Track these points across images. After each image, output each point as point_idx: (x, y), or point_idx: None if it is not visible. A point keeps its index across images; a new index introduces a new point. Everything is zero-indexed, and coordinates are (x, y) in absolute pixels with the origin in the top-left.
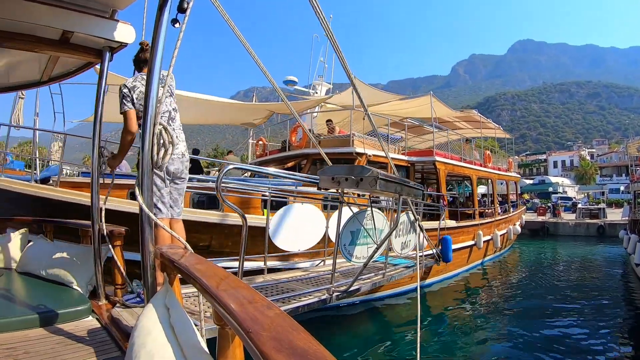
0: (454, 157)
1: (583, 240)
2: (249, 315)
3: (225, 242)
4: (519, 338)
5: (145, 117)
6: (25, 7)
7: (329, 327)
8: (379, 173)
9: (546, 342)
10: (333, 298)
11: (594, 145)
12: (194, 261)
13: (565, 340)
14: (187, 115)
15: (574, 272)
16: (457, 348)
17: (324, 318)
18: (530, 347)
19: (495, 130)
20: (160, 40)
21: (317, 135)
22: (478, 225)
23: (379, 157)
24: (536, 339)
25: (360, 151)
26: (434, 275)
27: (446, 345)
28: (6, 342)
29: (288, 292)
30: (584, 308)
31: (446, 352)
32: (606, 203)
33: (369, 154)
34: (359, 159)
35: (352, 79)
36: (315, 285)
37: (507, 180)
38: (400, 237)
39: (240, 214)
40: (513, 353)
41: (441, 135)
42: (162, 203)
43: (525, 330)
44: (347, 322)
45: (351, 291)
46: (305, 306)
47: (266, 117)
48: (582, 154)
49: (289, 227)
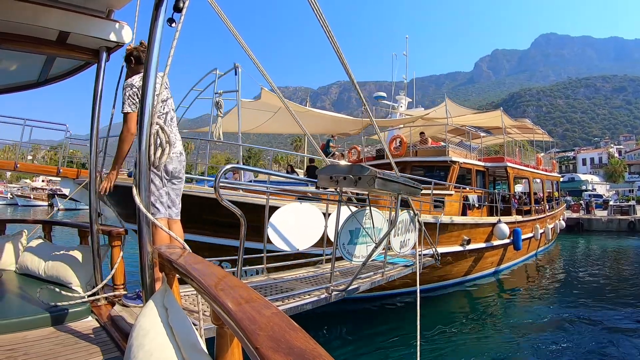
0: (515, 162)
1: (615, 235)
2: (246, 315)
3: None
4: (573, 323)
5: (142, 117)
6: (23, 8)
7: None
8: (377, 172)
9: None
10: (332, 297)
11: (622, 142)
12: (192, 261)
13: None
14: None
15: (611, 262)
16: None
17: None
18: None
19: (542, 135)
20: (156, 40)
21: (414, 146)
22: (535, 220)
23: (466, 164)
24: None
25: (454, 159)
26: (507, 261)
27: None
28: (6, 343)
29: (287, 292)
30: (622, 294)
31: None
32: (636, 200)
33: (460, 162)
34: (453, 166)
35: (352, 78)
36: (314, 284)
37: (552, 180)
38: (399, 236)
39: (239, 215)
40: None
41: (497, 139)
42: (160, 203)
43: (581, 313)
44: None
45: (350, 290)
46: (304, 305)
47: (362, 128)
48: (611, 151)
49: (287, 227)
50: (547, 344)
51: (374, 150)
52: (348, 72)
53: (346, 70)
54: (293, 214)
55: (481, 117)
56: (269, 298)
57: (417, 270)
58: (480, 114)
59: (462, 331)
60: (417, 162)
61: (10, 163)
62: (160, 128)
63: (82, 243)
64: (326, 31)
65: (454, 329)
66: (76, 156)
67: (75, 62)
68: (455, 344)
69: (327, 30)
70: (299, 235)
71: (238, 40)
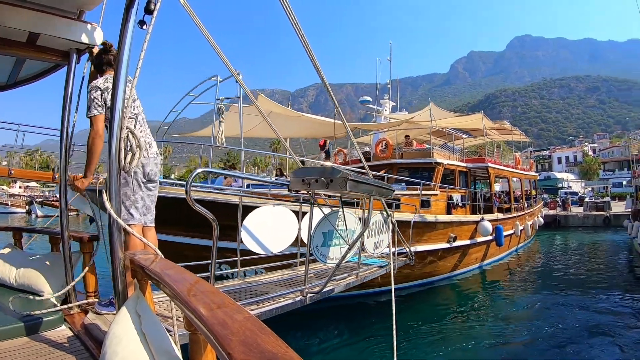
0: (496, 162)
1: (591, 230)
2: (218, 320)
3: None
4: (554, 311)
5: (113, 121)
6: None
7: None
8: (348, 174)
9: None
10: (307, 300)
11: (595, 140)
12: (165, 267)
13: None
14: (289, 130)
15: (587, 255)
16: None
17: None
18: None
19: (520, 136)
20: (127, 42)
21: (399, 148)
22: (515, 217)
23: (450, 165)
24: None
25: (439, 161)
26: (490, 256)
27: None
28: None
29: (262, 295)
30: (601, 283)
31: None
32: (610, 196)
33: (444, 163)
34: (437, 167)
35: (325, 82)
36: (289, 287)
37: (529, 179)
38: (373, 237)
39: (211, 219)
40: (554, 317)
41: (477, 140)
42: (135, 209)
43: (564, 303)
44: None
45: (324, 292)
46: (279, 308)
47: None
48: (585, 149)
49: (261, 230)
50: (530, 330)
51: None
52: (320, 74)
53: (318, 72)
54: (266, 216)
55: (463, 119)
56: (244, 302)
57: (391, 271)
58: (462, 117)
59: (451, 322)
60: (403, 164)
61: (4, 169)
62: (130, 132)
63: (54, 250)
64: (298, 34)
65: (443, 320)
66: (53, 161)
67: (45, 64)
68: (445, 334)
69: (299, 32)
70: (272, 237)
71: (211, 44)
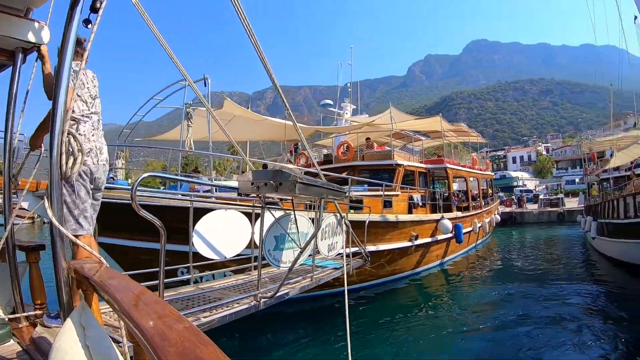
0: (453, 163)
1: (546, 226)
2: (157, 331)
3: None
4: (514, 300)
5: (54, 123)
6: None
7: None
8: (297, 177)
9: (531, 300)
10: (261, 305)
11: (549, 140)
12: (108, 276)
13: (543, 296)
14: (253, 133)
15: (543, 249)
16: (476, 300)
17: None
18: (520, 306)
19: (476, 137)
20: (70, 41)
21: (361, 150)
22: (474, 215)
23: (410, 167)
24: (527, 297)
25: (400, 162)
26: (451, 253)
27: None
28: None
29: (215, 302)
30: (557, 272)
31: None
32: (563, 193)
33: (405, 165)
34: (398, 169)
35: (275, 83)
36: (243, 292)
37: (486, 179)
38: (327, 240)
39: (159, 225)
40: (510, 309)
41: (436, 141)
42: (84, 218)
43: (519, 291)
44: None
45: (278, 297)
46: (233, 315)
47: (310, 135)
48: (539, 149)
49: (212, 234)
50: (492, 318)
51: (322, 156)
52: (271, 75)
53: (269, 73)
54: (218, 220)
55: (422, 122)
56: (197, 309)
57: (344, 273)
58: (422, 120)
59: (416, 316)
60: (365, 166)
61: None
62: (72, 136)
63: None
64: (250, 36)
65: (408, 315)
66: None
67: None
68: (410, 328)
69: (250, 35)
70: (225, 242)
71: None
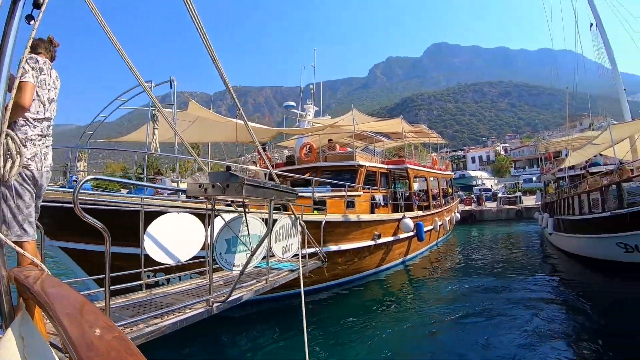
0: (414, 163)
1: (505, 223)
2: (86, 341)
3: None
4: (476, 293)
5: None
6: None
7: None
8: (244, 179)
9: (491, 292)
10: (214, 309)
11: (507, 140)
12: (47, 285)
13: (500, 291)
14: (214, 134)
15: (502, 245)
16: (439, 297)
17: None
18: (481, 300)
19: (436, 138)
20: (11, 38)
21: (323, 151)
22: (434, 214)
23: (371, 167)
24: (485, 292)
25: (362, 163)
26: (413, 251)
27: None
28: None
29: (167, 307)
30: (516, 266)
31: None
32: (521, 192)
33: (366, 165)
34: (360, 170)
35: (227, 84)
36: (197, 297)
37: (446, 178)
38: (281, 241)
39: (102, 229)
40: (470, 303)
41: (397, 142)
42: (28, 223)
43: (478, 286)
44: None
45: (231, 300)
46: (184, 320)
47: (273, 137)
48: (497, 149)
49: (165, 238)
50: (455, 310)
51: (285, 157)
52: (222, 76)
53: (220, 74)
54: (171, 224)
55: (384, 124)
56: (147, 315)
57: (300, 274)
58: (383, 121)
59: (380, 312)
60: (327, 167)
61: None
62: (10, 137)
63: None
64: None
65: (373, 312)
66: None
67: None
68: (375, 324)
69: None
70: (178, 245)
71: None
